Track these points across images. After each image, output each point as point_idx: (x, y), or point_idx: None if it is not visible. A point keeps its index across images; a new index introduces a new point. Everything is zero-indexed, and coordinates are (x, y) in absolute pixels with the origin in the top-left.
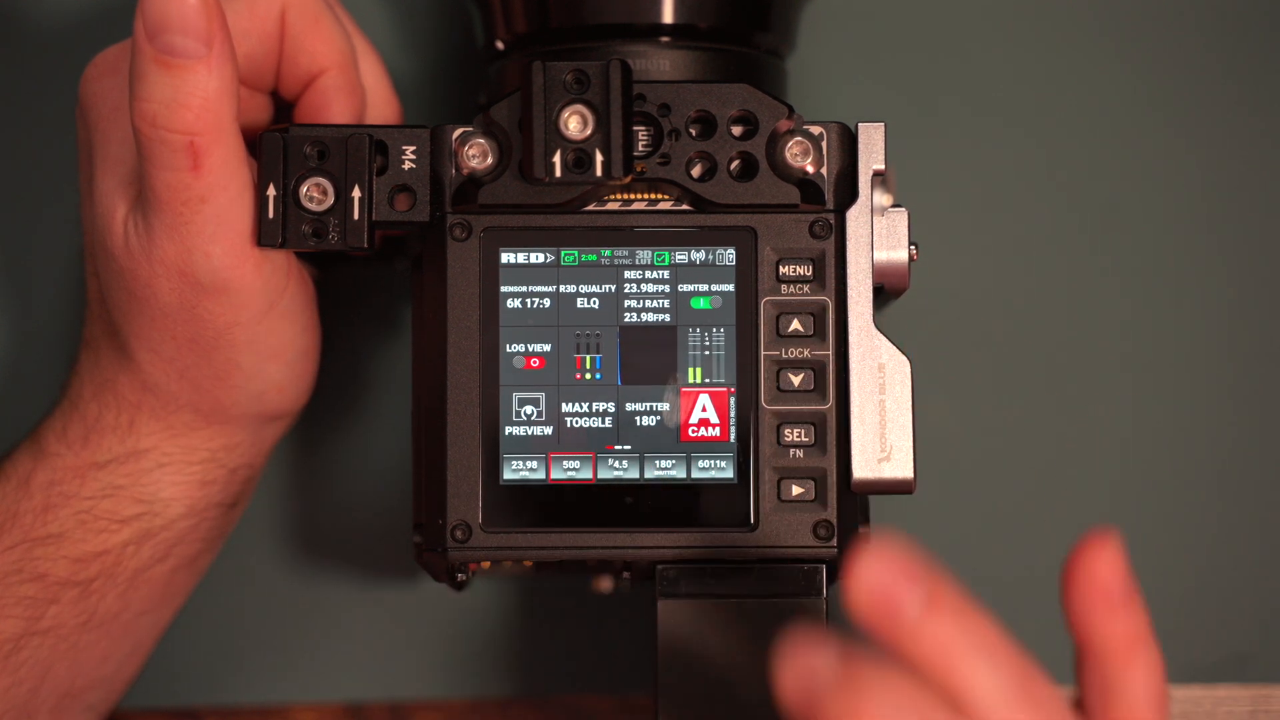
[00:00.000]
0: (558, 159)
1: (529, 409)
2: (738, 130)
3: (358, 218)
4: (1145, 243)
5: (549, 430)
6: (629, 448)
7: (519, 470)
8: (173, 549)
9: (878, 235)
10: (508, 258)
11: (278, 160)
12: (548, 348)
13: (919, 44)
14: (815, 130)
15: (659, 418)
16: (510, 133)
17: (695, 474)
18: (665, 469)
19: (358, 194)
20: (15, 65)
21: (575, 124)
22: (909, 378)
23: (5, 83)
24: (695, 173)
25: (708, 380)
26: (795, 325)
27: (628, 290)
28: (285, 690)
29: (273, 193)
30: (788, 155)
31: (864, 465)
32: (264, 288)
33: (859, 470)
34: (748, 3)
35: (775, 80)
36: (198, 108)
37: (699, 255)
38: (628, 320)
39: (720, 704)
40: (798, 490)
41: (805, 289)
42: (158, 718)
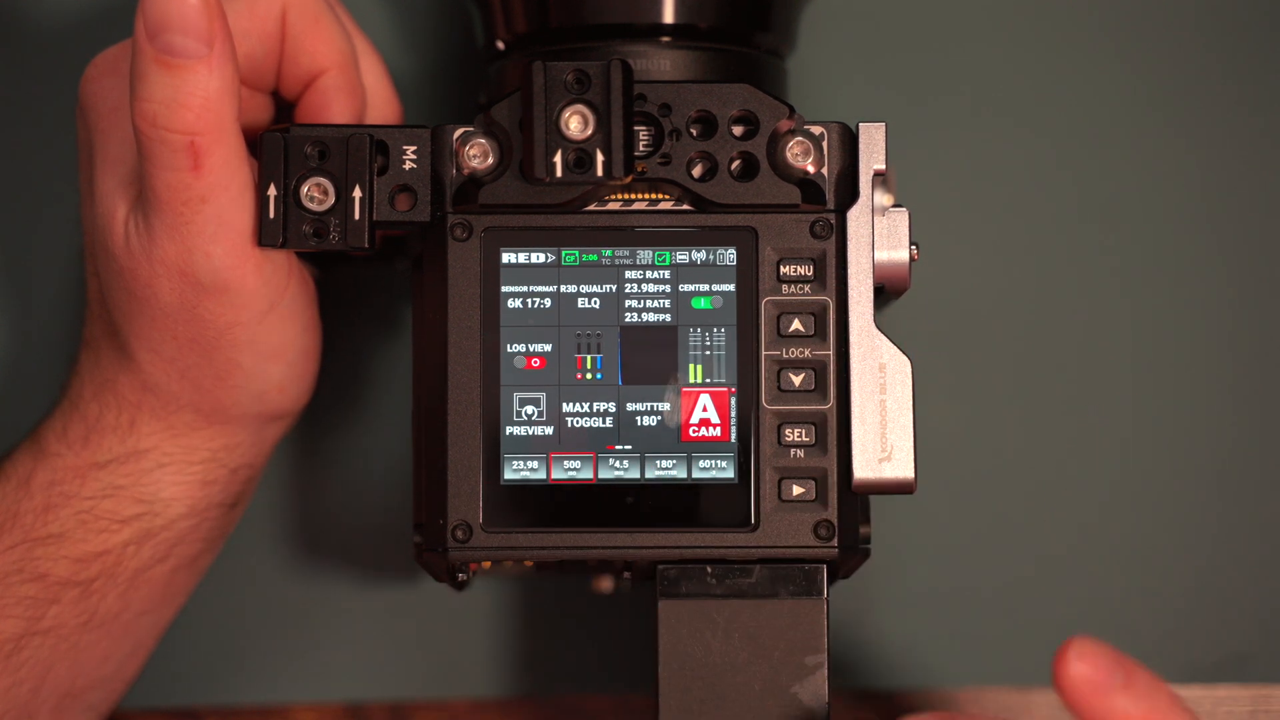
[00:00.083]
0: (558, 159)
1: (530, 409)
2: (738, 130)
3: (358, 218)
4: (1145, 243)
5: (550, 430)
6: (630, 448)
7: (520, 470)
8: (173, 549)
9: (878, 235)
10: (508, 258)
11: (278, 160)
12: (548, 348)
13: (919, 44)
14: (816, 130)
15: (660, 418)
16: (511, 133)
17: (696, 474)
18: (666, 469)
19: (358, 194)
20: (15, 65)
21: (576, 124)
22: (910, 378)
23: (5, 83)
24: (696, 173)
25: (708, 380)
26: (796, 325)
27: (628, 290)
28: (285, 690)
29: (273, 193)
30: (788, 155)
31: (865, 465)
32: (264, 288)
33: (860, 470)
34: (748, 3)
35: (776, 80)
36: (198, 108)
37: (700, 255)
38: (628, 320)
39: (720, 704)
40: (798, 490)
41: (806, 289)
42: (158, 718)
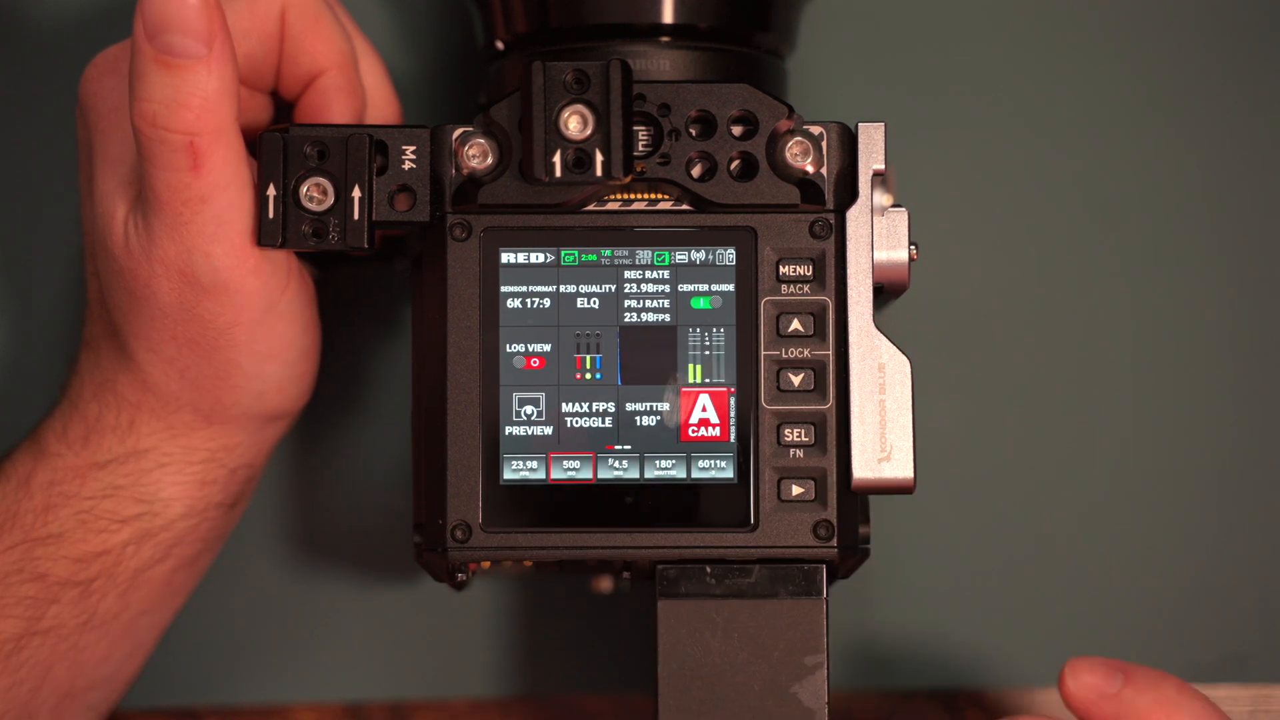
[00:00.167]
0: (558, 159)
1: (529, 409)
2: (738, 130)
3: (358, 218)
4: (1145, 243)
5: (549, 430)
6: (629, 448)
7: (519, 470)
8: (173, 549)
9: (878, 235)
10: (508, 258)
11: (278, 160)
12: (548, 348)
13: (919, 44)
14: (815, 130)
15: (659, 418)
16: (510, 133)
17: (695, 474)
18: (665, 469)
19: (358, 194)
20: (15, 65)
21: (575, 124)
22: (909, 378)
23: (5, 83)
24: (695, 173)
25: (708, 380)
26: (795, 325)
27: (628, 290)
28: (285, 690)
29: (273, 193)
30: (788, 155)
31: (864, 465)
32: (264, 288)
33: (859, 470)
34: (748, 3)
35: (775, 80)
36: (198, 108)
37: (699, 255)
38: (628, 320)
39: (720, 704)
40: (798, 490)
41: (805, 289)
42: (158, 718)
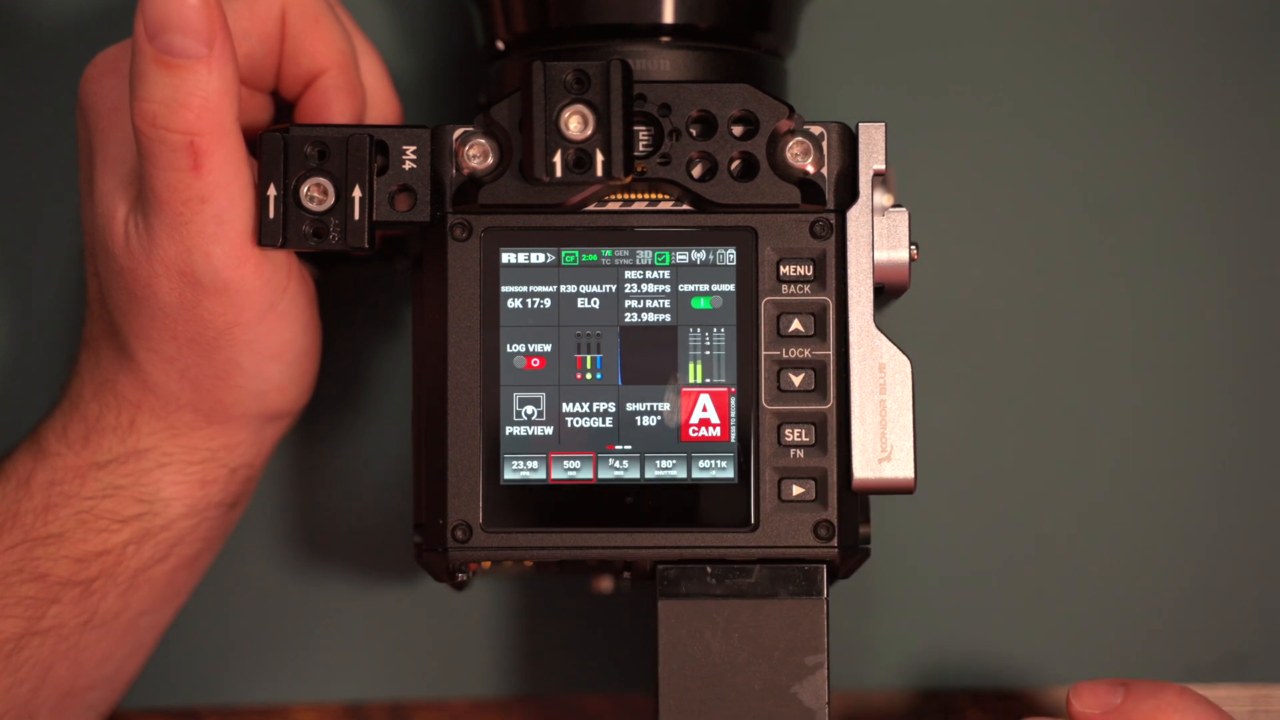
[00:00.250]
0: (558, 159)
1: (529, 409)
2: (738, 130)
3: (358, 218)
4: (1146, 243)
5: (549, 430)
6: (629, 448)
7: (519, 470)
8: (173, 548)
9: (878, 235)
10: (508, 258)
11: (278, 160)
12: (548, 348)
13: (919, 44)
14: (816, 130)
15: (659, 418)
16: (510, 133)
17: (696, 474)
18: (666, 469)
19: (358, 194)
20: (15, 65)
21: (575, 124)
22: (909, 378)
23: (5, 83)
24: (696, 173)
25: (708, 380)
26: (796, 325)
27: (628, 290)
28: (285, 690)
29: (273, 193)
30: (788, 155)
31: (864, 465)
32: (264, 288)
33: (859, 470)
34: (748, 3)
35: (775, 80)
36: (198, 108)
37: (699, 255)
38: (628, 320)
39: (720, 704)
40: (798, 490)
41: (806, 289)
42: (158, 718)
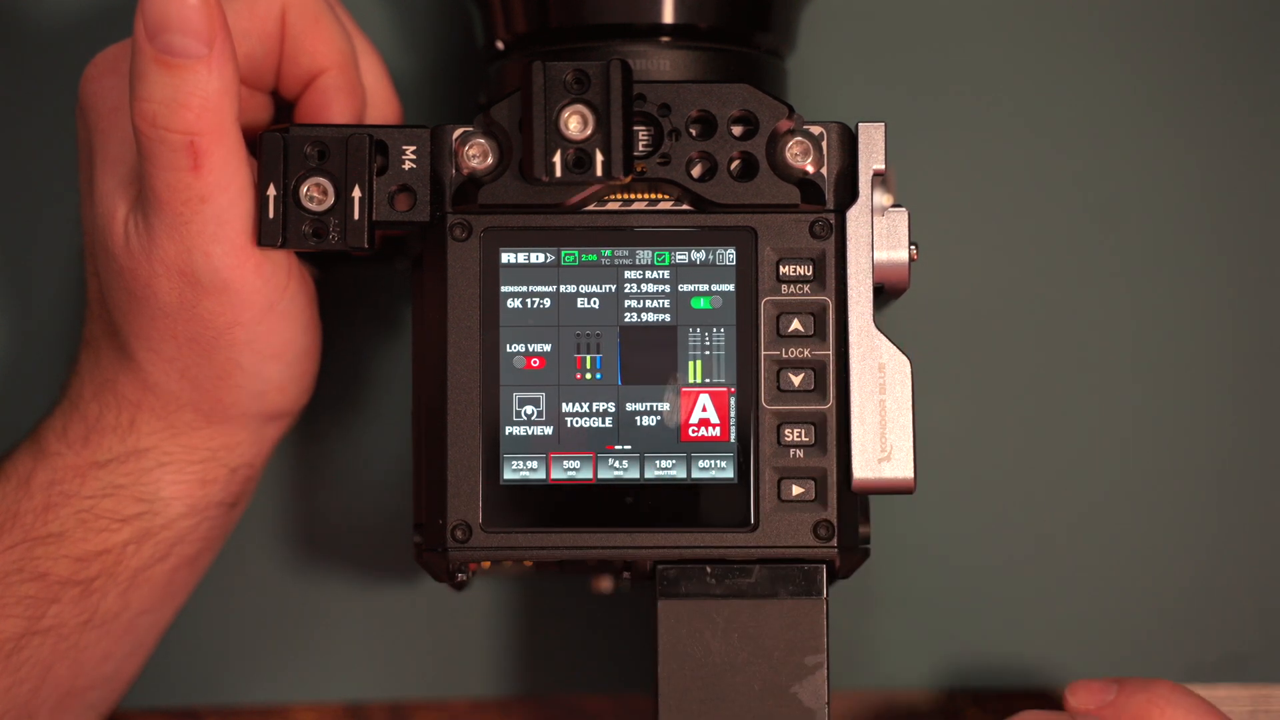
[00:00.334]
0: (558, 159)
1: (529, 409)
2: (738, 130)
3: (358, 218)
4: (1145, 243)
5: (549, 430)
6: (629, 448)
7: (519, 470)
8: (173, 548)
9: (878, 235)
10: (508, 258)
11: (278, 160)
12: (548, 348)
13: (919, 44)
14: (815, 130)
15: (659, 418)
16: (510, 133)
17: (695, 474)
18: (665, 469)
19: (358, 194)
20: (15, 65)
21: (575, 124)
22: (909, 378)
23: (5, 83)
24: (695, 173)
25: (708, 380)
26: (795, 325)
27: (628, 290)
28: (285, 690)
29: (273, 193)
30: (788, 155)
31: (864, 465)
32: (264, 287)
33: (859, 470)
34: (748, 3)
35: (775, 80)
36: (198, 108)
37: (699, 255)
38: (628, 320)
39: (720, 704)
40: (798, 490)
41: (805, 289)
42: (158, 718)
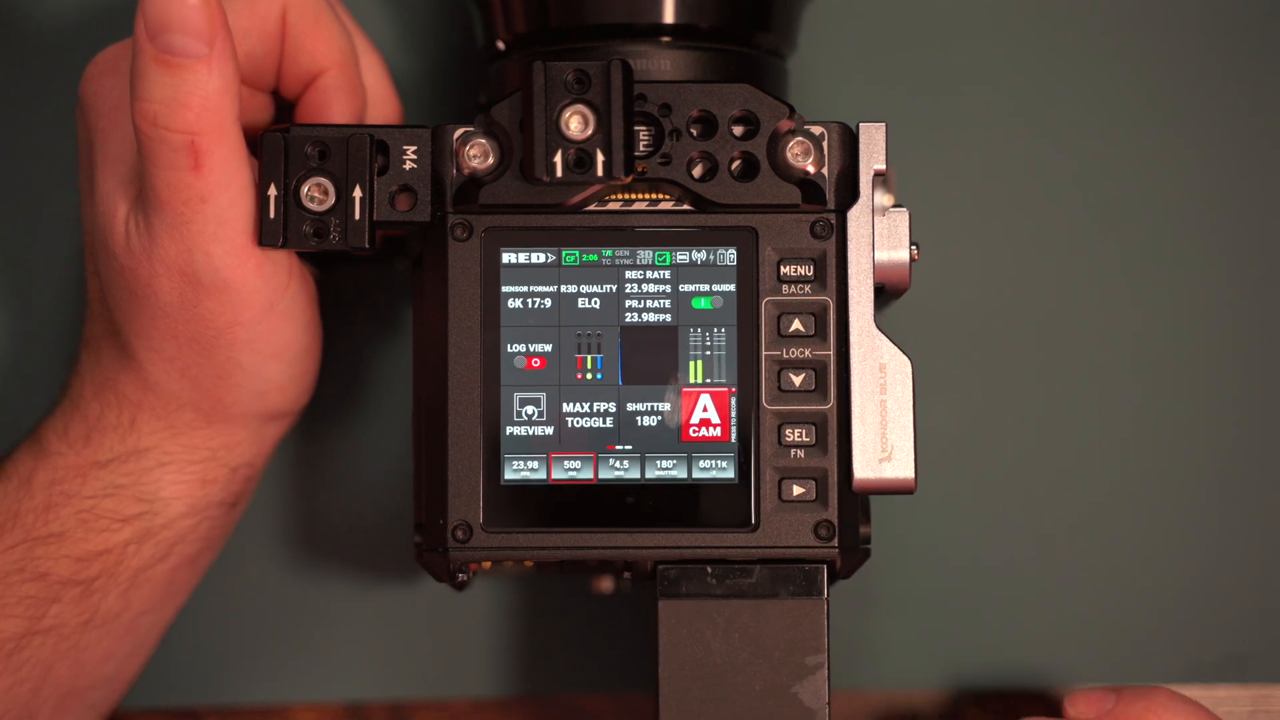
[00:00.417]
0: (559, 159)
1: (530, 409)
2: (739, 130)
3: (359, 218)
4: (1145, 243)
5: (550, 430)
6: (630, 448)
7: (520, 470)
8: (174, 548)
9: (879, 235)
10: (509, 258)
11: (279, 160)
12: (549, 348)
13: (919, 44)
14: (816, 130)
15: (660, 418)
16: (511, 133)
17: (696, 474)
18: (666, 469)
19: (359, 194)
20: (15, 65)
21: (576, 124)
22: (910, 378)
23: (5, 83)
24: (696, 173)
25: (709, 380)
26: (796, 325)
27: (629, 290)
28: (285, 690)
29: (274, 192)
30: (789, 155)
31: (865, 465)
32: (265, 287)
33: (860, 470)
34: (748, 3)
35: (776, 80)
36: (198, 107)
37: (700, 255)
38: (629, 320)
39: (720, 704)
40: (799, 490)
41: (806, 289)
42: (158, 718)
